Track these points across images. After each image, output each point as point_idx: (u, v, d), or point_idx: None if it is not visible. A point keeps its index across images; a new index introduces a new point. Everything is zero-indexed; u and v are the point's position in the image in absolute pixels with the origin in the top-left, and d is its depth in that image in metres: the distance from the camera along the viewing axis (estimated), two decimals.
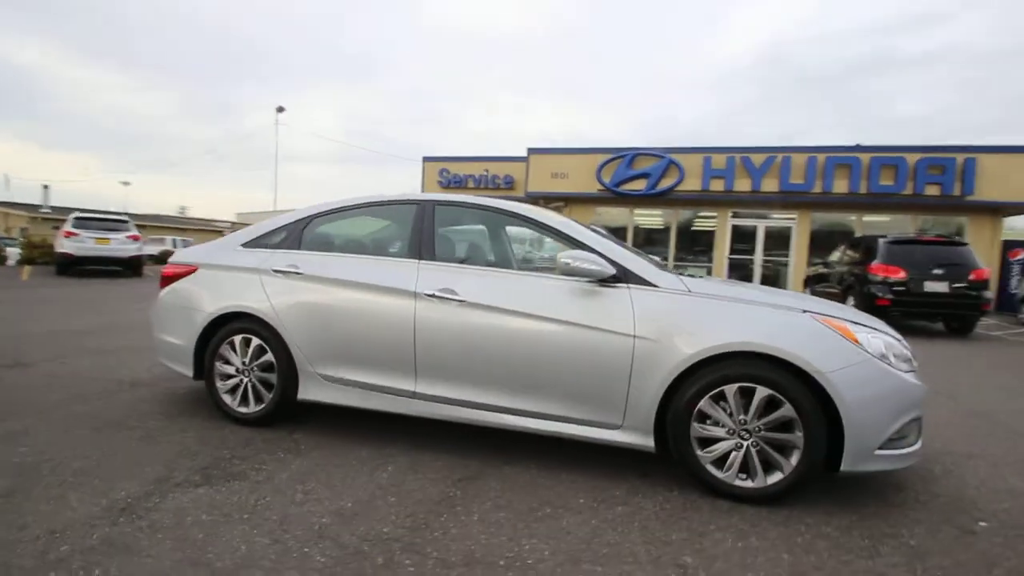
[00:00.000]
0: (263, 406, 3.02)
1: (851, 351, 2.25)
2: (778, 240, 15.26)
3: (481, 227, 3.37)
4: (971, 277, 8.16)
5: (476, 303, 2.63)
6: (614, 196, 15.77)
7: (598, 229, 3.28)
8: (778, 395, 2.24)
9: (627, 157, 15.45)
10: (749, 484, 2.30)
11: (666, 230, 16.45)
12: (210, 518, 2.03)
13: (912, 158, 12.85)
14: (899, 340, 2.45)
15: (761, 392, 2.26)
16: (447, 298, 2.67)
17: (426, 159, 21.14)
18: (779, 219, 15.23)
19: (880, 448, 2.22)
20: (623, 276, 2.51)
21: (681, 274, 2.61)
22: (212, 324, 3.12)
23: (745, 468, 2.31)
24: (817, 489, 2.44)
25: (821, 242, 14.74)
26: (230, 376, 3.09)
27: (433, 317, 2.69)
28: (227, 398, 3.09)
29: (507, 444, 2.89)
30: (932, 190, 12.76)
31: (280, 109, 36.81)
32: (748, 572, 1.81)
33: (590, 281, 2.53)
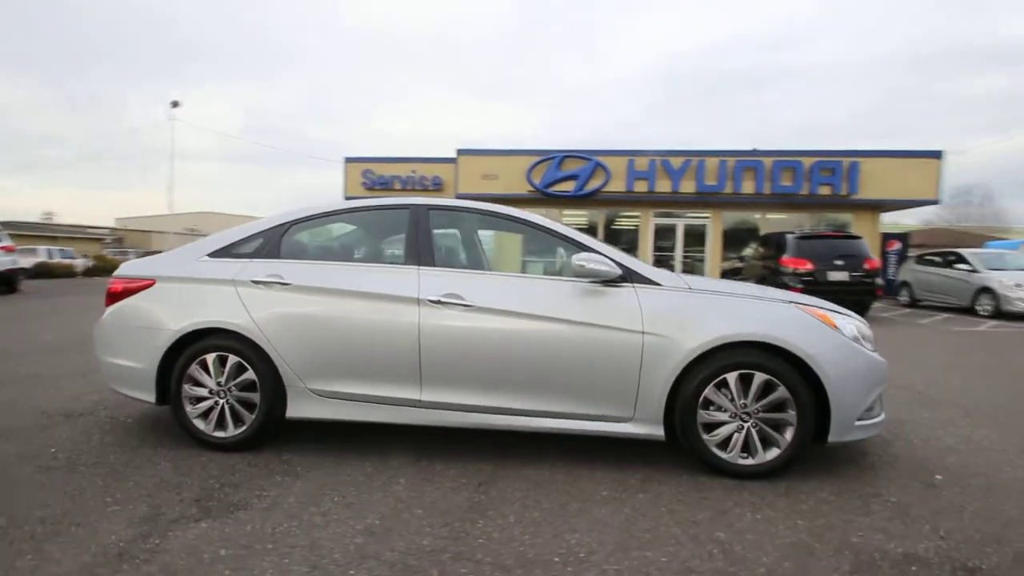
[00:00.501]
0: (244, 428, 2.79)
1: (832, 336, 2.52)
2: (695, 237, 16.42)
3: (475, 231, 3.35)
4: (866, 266, 9.33)
5: (483, 307, 2.62)
6: (544, 197, 16.14)
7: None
8: (774, 379, 2.46)
9: (556, 159, 15.88)
10: (751, 462, 2.50)
11: (592, 229, 17.09)
12: (230, 552, 1.86)
13: (807, 161, 14.40)
14: (864, 323, 2.77)
15: (759, 377, 2.46)
16: (452, 303, 2.63)
17: (348, 160, 20.36)
18: (696, 217, 16.40)
19: (858, 420, 2.51)
20: (627, 276, 2.61)
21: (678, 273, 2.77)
22: (178, 343, 2.83)
23: (746, 447, 2.51)
24: (801, 463, 2.69)
25: (732, 238, 16.10)
26: (202, 399, 2.82)
27: (438, 323, 2.64)
28: (200, 423, 2.82)
29: (512, 446, 2.90)
30: (824, 190, 14.38)
31: (175, 104, 33.73)
32: (775, 540, 1.97)
33: (593, 281, 2.61)
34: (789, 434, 2.48)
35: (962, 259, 10.72)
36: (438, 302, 2.64)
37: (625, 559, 1.84)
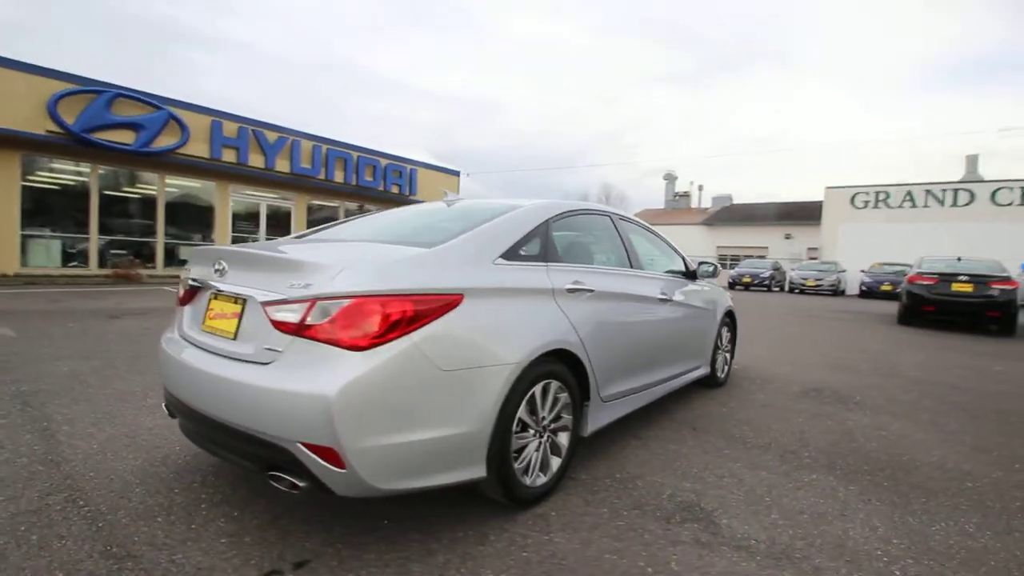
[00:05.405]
0: (560, 464, 2.33)
1: (729, 298, 4.83)
2: (280, 218, 15.78)
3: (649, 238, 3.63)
4: None
5: (677, 301, 3.39)
6: (81, 145, 11.34)
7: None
8: (730, 326, 4.54)
9: (105, 96, 11.43)
10: (721, 376, 4.48)
11: (146, 201, 13.31)
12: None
13: (384, 162, 16.75)
14: None
15: (728, 325, 4.49)
16: (669, 299, 3.26)
17: None
18: (279, 199, 15.73)
19: None
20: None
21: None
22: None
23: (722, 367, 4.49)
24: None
25: (316, 223, 16.52)
26: (525, 446, 2.15)
27: (666, 316, 3.22)
28: (524, 479, 2.13)
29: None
30: (395, 188, 17.18)
31: None
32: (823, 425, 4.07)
33: (683, 277, 3.84)
34: (721, 355, 4.64)
35: None
36: (666, 299, 3.21)
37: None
